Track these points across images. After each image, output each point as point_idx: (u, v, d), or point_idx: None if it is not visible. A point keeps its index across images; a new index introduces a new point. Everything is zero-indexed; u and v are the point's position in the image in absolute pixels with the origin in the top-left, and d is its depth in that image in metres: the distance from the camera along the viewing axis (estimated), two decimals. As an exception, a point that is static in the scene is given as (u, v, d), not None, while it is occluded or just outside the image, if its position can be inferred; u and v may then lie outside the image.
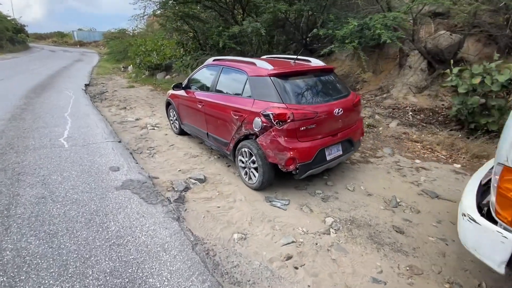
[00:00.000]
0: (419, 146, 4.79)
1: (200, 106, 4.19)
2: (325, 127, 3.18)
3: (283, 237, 2.66)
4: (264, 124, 3.16)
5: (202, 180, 3.70)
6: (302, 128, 3.15)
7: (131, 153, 4.46)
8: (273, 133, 3.12)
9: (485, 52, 5.89)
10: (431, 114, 5.70)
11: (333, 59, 8.51)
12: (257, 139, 3.24)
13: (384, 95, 6.53)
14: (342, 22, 6.25)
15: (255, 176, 3.44)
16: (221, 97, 3.77)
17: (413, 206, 3.23)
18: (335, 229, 2.81)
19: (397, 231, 2.83)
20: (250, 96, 3.26)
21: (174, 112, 5.37)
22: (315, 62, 3.85)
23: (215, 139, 4.04)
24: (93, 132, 5.26)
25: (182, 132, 5.45)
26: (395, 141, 4.93)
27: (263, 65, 3.45)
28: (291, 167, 3.27)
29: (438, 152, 4.58)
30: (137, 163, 4.12)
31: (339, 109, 3.41)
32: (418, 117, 5.60)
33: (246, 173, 3.59)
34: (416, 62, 6.34)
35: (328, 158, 3.55)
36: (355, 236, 2.73)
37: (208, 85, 4.23)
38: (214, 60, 4.48)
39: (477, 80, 4.27)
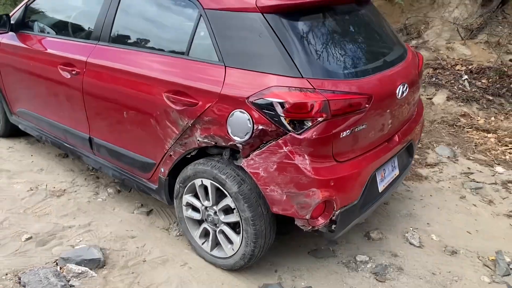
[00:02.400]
0: (492, 139, 4.42)
1: (68, 76, 2.90)
2: (379, 126, 2.50)
3: None
4: (261, 127, 2.12)
5: (98, 263, 2.56)
6: (344, 134, 2.30)
7: None
8: (284, 149, 2.12)
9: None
10: (498, 78, 5.33)
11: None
12: (244, 161, 2.23)
13: (414, 42, 6.23)
14: None
15: (231, 243, 2.46)
16: (130, 55, 2.65)
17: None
18: None
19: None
20: (212, 59, 2.34)
21: None
22: None
23: (116, 155, 2.88)
24: None
25: (12, 132, 3.97)
26: (451, 130, 4.62)
27: None
28: (322, 221, 2.38)
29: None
30: None
31: (403, 85, 2.69)
32: (479, 83, 5.30)
33: (205, 234, 2.60)
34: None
35: (380, 188, 2.78)
36: None
37: (87, 24, 2.98)
38: None
39: None
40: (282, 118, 2.04)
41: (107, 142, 2.88)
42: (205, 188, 2.44)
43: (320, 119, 2.05)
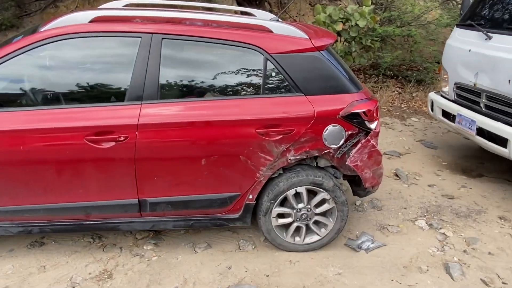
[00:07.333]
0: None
1: (108, 145, 2.45)
2: None
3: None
4: (350, 132, 2.64)
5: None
6: None
7: None
8: (371, 142, 2.70)
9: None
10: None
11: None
12: (348, 160, 2.68)
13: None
14: None
15: (324, 227, 2.86)
16: (199, 106, 2.55)
17: (410, 172, 4.33)
18: (436, 228, 3.37)
19: (450, 198, 3.84)
20: (291, 93, 2.60)
21: None
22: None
23: (182, 205, 2.69)
24: None
25: None
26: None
27: (285, 30, 2.66)
28: None
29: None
30: None
31: None
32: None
33: (296, 230, 2.87)
34: (224, 1, 7.74)
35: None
36: (455, 223, 3.42)
37: (111, 86, 2.62)
38: (95, 22, 2.48)
39: (340, 26, 5.72)
40: (366, 122, 2.62)
41: (169, 196, 2.60)
42: (294, 197, 2.73)
43: (377, 116, 2.75)
